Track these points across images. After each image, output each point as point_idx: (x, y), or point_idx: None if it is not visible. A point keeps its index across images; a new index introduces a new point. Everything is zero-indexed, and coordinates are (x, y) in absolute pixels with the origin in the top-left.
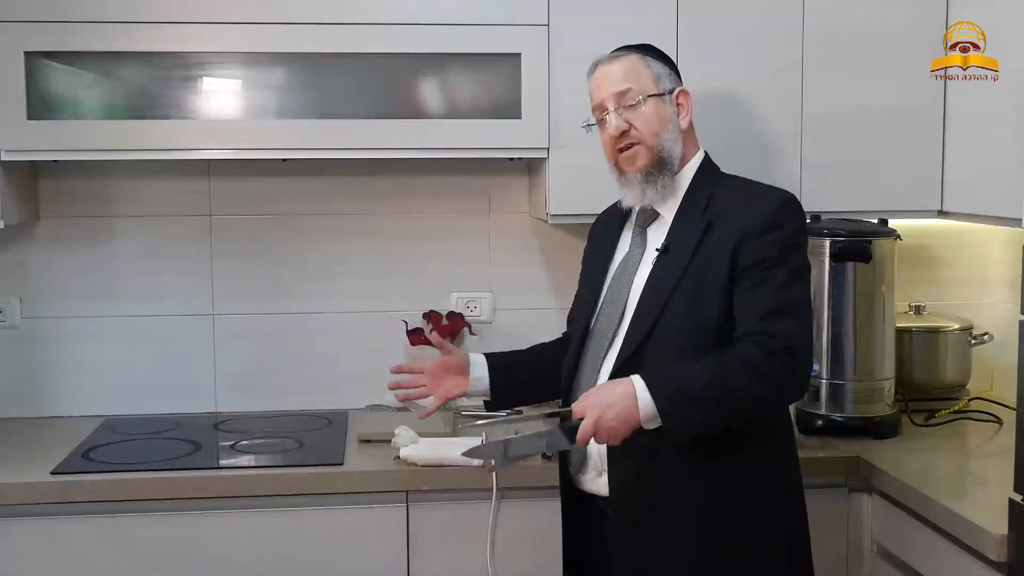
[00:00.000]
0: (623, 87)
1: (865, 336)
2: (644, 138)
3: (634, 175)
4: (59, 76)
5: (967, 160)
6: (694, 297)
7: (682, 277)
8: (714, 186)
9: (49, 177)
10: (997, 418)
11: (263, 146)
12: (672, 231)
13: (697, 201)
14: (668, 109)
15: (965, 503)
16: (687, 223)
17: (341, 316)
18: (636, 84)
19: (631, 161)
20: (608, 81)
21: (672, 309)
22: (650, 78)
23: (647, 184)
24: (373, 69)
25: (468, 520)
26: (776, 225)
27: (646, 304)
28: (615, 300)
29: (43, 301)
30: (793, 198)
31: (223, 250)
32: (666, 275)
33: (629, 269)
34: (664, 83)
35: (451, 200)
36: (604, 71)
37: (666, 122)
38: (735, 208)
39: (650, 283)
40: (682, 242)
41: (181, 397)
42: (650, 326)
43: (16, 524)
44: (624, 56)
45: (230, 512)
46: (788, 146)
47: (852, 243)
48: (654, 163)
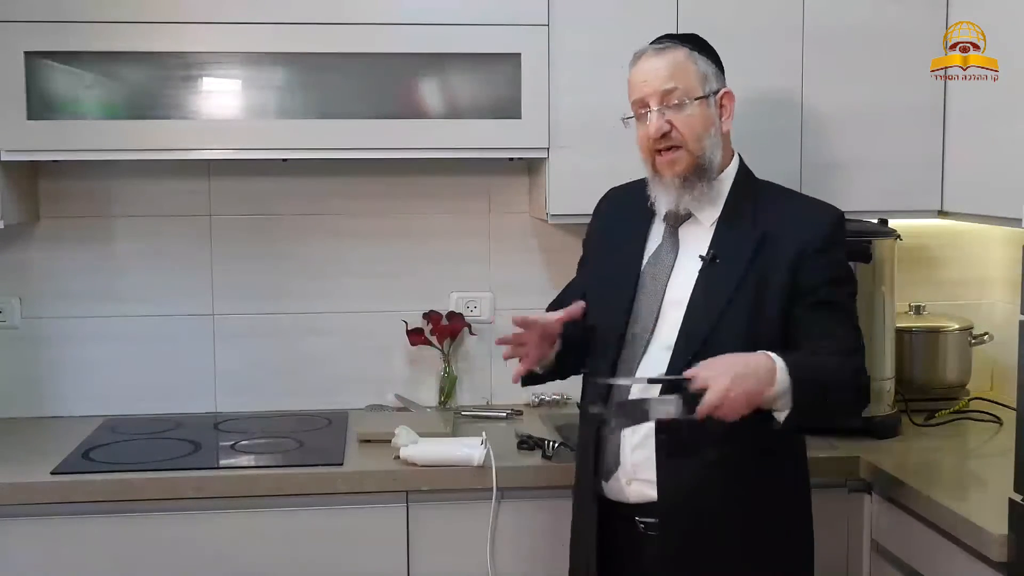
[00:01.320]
0: (669, 85)
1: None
2: (686, 142)
3: (672, 180)
4: (59, 76)
5: (967, 160)
6: (752, 310)
7: (738, 288)
8: (756, 194)
9: (49, 177)
10: (997, 418)
11: (263, 146)
12: (718, 240)
13: (742, 210)
14: (712, 112)
15: (965, 503)
16: (735, 234)
17: (341, 316)
18: (683, 83)
19: (670, 166)
20: (653, 77)
21: (725, 323)
22: (697, 78)
23: (684, 190)
24: (373, 69)
25: (468, 520)
26: (833, 243)
27: (698, 313)
28: (650, 304)
29: (43, 301)
30: (842, 214)
31: (223, 250)
32: (719, 285)
33: (661, 271)
34: (711, 83)
35: (451, 200)
36: (649, 65)
37: (709, 125)
38: (790, 222)
39: (700, 292)
40: (732, 252)
41: (181, 397)
42: (703, 339)
43: (16, 524)
44: (672, 50)
45: (230, 512)
46: (788, 146)
47: (852, 243)
48: (693, 169)
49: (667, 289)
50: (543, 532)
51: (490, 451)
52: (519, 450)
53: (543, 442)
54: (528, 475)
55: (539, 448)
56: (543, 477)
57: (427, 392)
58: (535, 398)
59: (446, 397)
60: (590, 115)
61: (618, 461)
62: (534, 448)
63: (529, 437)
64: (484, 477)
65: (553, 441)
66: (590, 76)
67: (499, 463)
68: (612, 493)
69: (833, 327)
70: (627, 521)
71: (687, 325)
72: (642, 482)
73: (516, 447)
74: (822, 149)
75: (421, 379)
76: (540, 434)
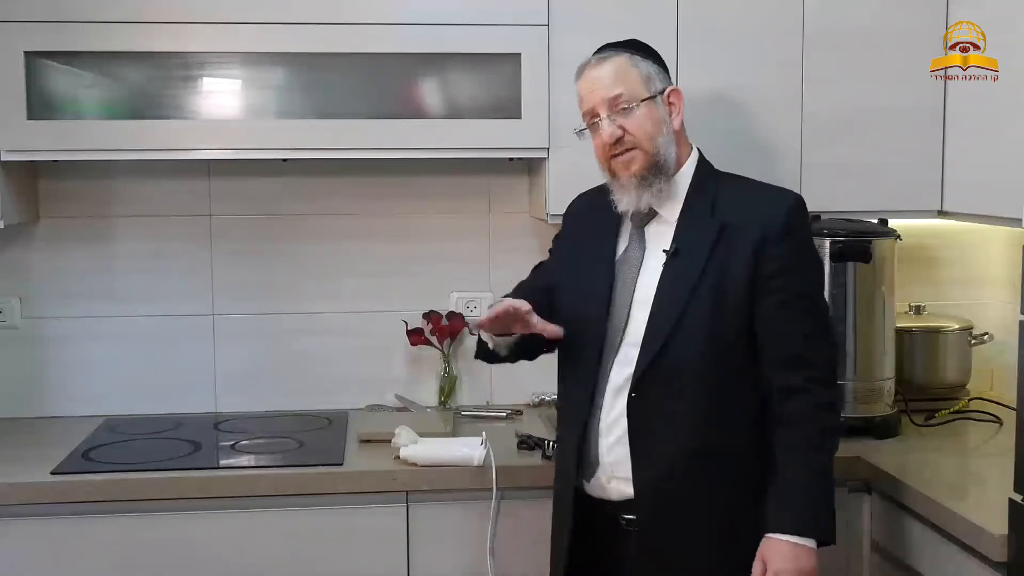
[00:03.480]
0: (614, 92)
1: (865, 336)
2: (639, 142)
3: (629, 180)
4: (59, 76)
5: (967, 160)
6: (713, 303)
7: (699, 282)
8: (716, 186)
9: (49, 177)
10: (997, 418)
11: (263, 146)
12: (679, 233)
13: (702, 202)
14: (660, 111)
15: (965, 503)
16: (695, 225)
17: (341, 316)
18: (627, 88)
19: (626, 166)
20: (598, 86)
21: (691, 315)
22: (640, 80)
23: (642, 188)
24: (373, 69)
25: (468, 520)
26: (793, 228)
27: (662, 310)
28: (621, 303)
29: (43, 301)
30: (801, 197)
31: (223, 250)
32: (680, 280)
33: (630, 271)
34: (655, 84)
35: (451, 200)
36: (593, 75)
37: (660, 124)
38: (747, 210)
39: (663, 288)
40: (693, 245)
41: (181, 397)
42: (668, 332)
43: (16, 524)
44: (612, 57)
45: (230, 512)
46: (788, 146)
47: (852, 243)
48: (650, 167)
49: (636, 288)
50: (543, 532)
51: (490, 451)
52: (519, 450)
53: (543, 442)
54: (528, 475)
55: (539, 448)
56: (543, 477)
57: (427, 392)
58: (535, 398)
59: (446, 397)
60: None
61: (598, 460)
62: (534, 448)
63: (529, 437)
64: (484, 477)
65: (553, 441)
66: None
67: (499, 463)
68: (595, 491)
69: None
70: (610, 519)
71: (652, 321)
72: (621, 480)
73: (516, 447)
74: (822, 149)
75: (421, 379)
76: (540, 434)
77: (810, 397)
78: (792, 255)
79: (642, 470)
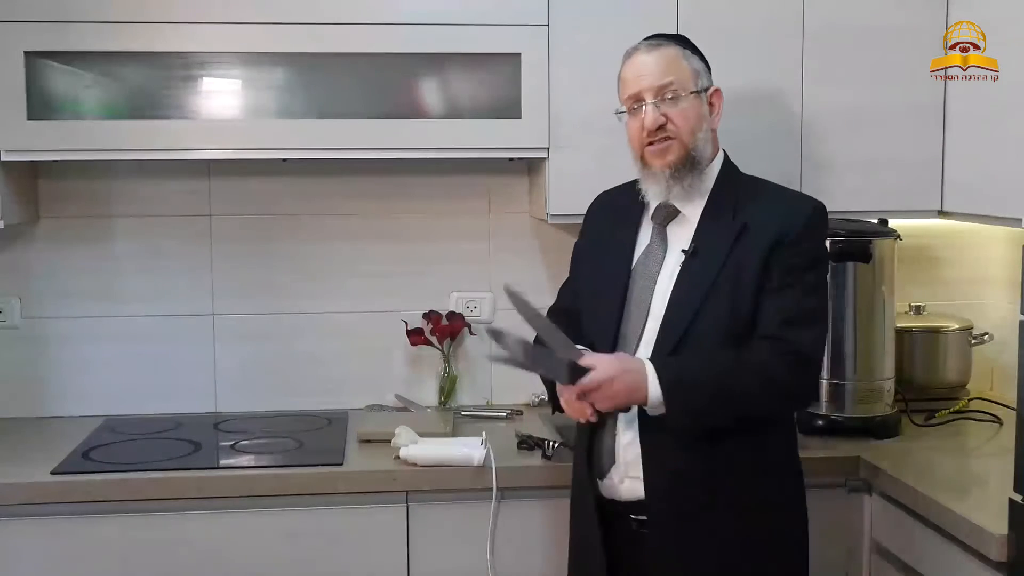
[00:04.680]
0: (665, 80)
1: (865, 336)
2: (680, 134)
3: (662, 171)
4: (59, 76)
5: (967, 160)
6: (728, 303)
7: (715, 282)
8: (738, 188)
9: (49, 177)
10: (997, 418)
11: (263, 146)
12: (700, 233)
13: (724, 203)
14: (703, 107)
15: (965, 503)
16: (716, 226)
17: (341, 316)
18: (678, 78)
19: (661, 155)
20: (648, 72)
21: (705, 315)
22: (690, 74)
23: (674, 181)
24: (373, 69)
25: (468, 520)
26: (810, 234)
27: (677, 309)
28: (639, 302)
29: (43, 301)
30: (823, 206)
31: (223, 250)
32: (697, 279)
33: (651, 269)
34: (702, 80)
35: (451, 200)
36: (644, 60)
37: (701, 120)
38: (768, 214)
39: (680, 287)
40: (712, 245)
41: (181, 397)
42: (681, 332)
43: (16, 524)
44: (665, 47)
45: (230, 512)
46: (788, 146)
47: (852, 243)
48: (684, 160)
49: (656, 287)
50: (543, 532)
51: (490, 451)
52: (519, 450)
53: (543, 442)
54: (528, 475)
55: (539, 448)
56: (543, 477)
57: (427, 392)
58: (535, 398)
59: (446, 397)
60: (590, 115)
61: (613, 459)
62: (534, 448)
63: (529, 437)
64: (484, 477)
65: (553, 441)
66: (590, 76)
67: (499, 463)
68: (607, 491)
69: (766, 312)
70: (622, 519)
71: (665, 324)
72: (634, 479)
73: (516, 447)
74: (822, 149)
75: (421, 379)
76: (540, 434)
77: (785, 345)
78: (803, 258)
79: (654, 470)
